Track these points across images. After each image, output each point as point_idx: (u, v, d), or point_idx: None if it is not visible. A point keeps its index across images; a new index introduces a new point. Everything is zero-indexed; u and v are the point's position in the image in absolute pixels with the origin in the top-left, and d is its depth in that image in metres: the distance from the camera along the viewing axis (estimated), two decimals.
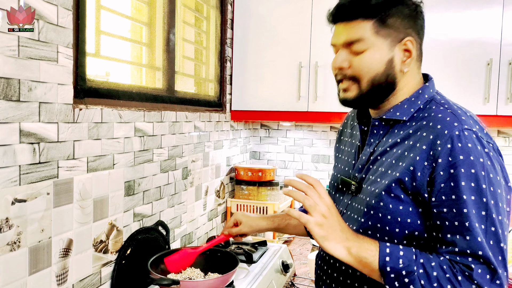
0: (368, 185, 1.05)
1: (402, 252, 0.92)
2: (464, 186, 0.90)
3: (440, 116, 0.97)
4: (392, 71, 1.02)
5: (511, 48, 2.01)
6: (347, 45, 1.03)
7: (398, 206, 0.97)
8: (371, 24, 0.99)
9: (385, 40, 1.00)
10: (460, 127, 0.93)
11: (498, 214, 0.90)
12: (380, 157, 1.04)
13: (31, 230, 1.11)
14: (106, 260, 1.42)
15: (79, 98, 1.29)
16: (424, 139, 0.96)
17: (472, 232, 0.88)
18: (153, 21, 1.77)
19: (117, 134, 1.44)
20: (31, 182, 1.11)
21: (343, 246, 0.94)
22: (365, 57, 1.01)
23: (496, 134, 2.43)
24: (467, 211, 0.89)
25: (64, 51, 1.20)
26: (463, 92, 2.08)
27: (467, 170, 0.90)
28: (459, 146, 0.91)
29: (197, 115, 2.03)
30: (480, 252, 0.88)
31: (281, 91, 2.36)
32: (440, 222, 0.92)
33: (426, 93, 1.05)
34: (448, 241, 0.91)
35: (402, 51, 1.02)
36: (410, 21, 1.01)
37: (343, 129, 1.31)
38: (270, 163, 2.86)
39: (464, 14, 2.07)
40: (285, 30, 2.33)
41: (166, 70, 1.85)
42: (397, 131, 1.04)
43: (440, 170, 0.91)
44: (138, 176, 1.57)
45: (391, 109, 1.05)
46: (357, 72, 1.03)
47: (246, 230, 1.46)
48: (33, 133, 1.11)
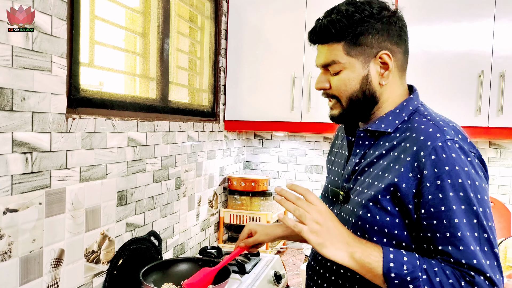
0: (355, 196, 1.05)
1: (406, 258, 0.91)
2: (452, 196, 0.90)
3: (423, 127, 0.98)
4: (369, 86, 1.04)
5: (502, 60, 2.04)
6: (325, 67, 1.08)
7: (385, 217, 0.97)
8: (342, 46, 1.03)
9: (358, 59, 1.03)
10: (442, 138, 0.94)
11: (488, 221, 0.92)
12: (367, 168, 1.05)
13: (23, 240, 1.11)
14: (97, 270, 1.41)
15: (72, 108, 1.29)
16: (408, 150, 0.97)
17: (465, 241, 0.89)
18: (147, 31, 1.77)
19: (110, 144, 1.43)
20: (23, 192, 1.10)
21: (345, 251, 0.93)
22: (341, 78, 1.05)
23: (487, 145, 2.45)
24: (458, 221, 0.90)
25: (57, 60, 1.20)
26: (454, 104, 2.10)
27: (453, 180, 0.91)
28: (443, 157, 0.92)
29: (191, 125, 2.04)
30: (474, 261, 0.88)
31: (275, 101, 2.37)
32: (431, 234, 0.92)
33: (410, 105, 1.06)
34: (442, 252, 0.91)
35: (378, 65, 1.03)
36: (384, 34, 1.02)
37: (335, 140, 1.32)
38: (263, 173, 2.86)
39: (456, 27, 2.10)
40: (279, 41, 2.34)
41: (160, 80, 1.85)
42: (382, 142, 1.05)
43: (426, 182, 0.92)
44: (130, 186, 1.57)
45: (377, 121, 1.06)
46: (336, 92, 1.07)
47: (263, 239, 1.41)
48: (26, 143, 1.10)
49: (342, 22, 1.02)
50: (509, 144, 2.42)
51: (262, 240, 1.41)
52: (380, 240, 0.98)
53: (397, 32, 1.04)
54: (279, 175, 2.83)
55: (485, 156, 2.45)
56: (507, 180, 2.43)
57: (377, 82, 1.04)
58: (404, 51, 1.07)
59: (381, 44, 1.02)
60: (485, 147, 2.45)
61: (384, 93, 1.06)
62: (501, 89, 2.03)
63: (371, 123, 1.08)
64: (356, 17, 1.01)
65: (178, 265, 1.61)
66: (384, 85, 1.05)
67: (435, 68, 2.13)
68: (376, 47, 1.02)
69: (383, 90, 1.06)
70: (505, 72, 2.02)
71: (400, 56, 1.06)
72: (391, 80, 1.05)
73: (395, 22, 1.04)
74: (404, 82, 1.10)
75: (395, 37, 1.03)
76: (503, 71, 2.02)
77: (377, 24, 1.02)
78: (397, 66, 1.06)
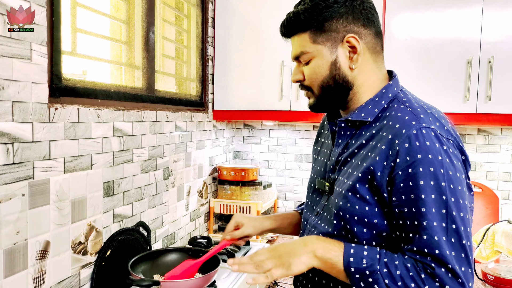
0: (337, 186, 1.05)
1: (366, 252, 0.92)
2: (422, 185, 0.89)
3: (400, 115, 0.97)
4: (339, 71, 1.03)
5: (490, 46, 2.03)
6: (297, 59, 1.09)
7: (364, 207, 0.97)
8: (308, 35, 1.03)
9: (325, 45, 1.02)
10: (417, 125, 0.93)
11: (459, 211, 0.90)
12: (349, 158, 1.04)
13: (6, 232, 1.09)
14: (85, 261, 1.39)
15: (54, 97, 1.26)
16: (384, 138, 0.96)
17: (429, 231, 0.88)
18: (131, 18, 1.74)
19: (95, 134, 1.41)
20: (5, 183, 1.08)
21: (306, 252, 0.96)
22: (311, 66, 1.06)
23: (476, 132, 2.46)
24: (425, 210, 0.89)
25: (37, 48, 1.17)
26: (443, 90, 2.09)
27: (425, 168, 0.90)
28: (416, 145, 0.91)
29: (179, 114, 2.01)
30: (436, 251, 0.87)
31: (264, 90, 2.35)
32: (402, 221, 0.92)
33: (389, 92, 1.04)
34: (409, 240, 0.92)
35: (346, 49, 1.02)
36: (348, 18, 1.01)
37: (321, 130, 1.30)
38: (253, 162, 2.85)
39: (444, 13, 2.09)
40: (267, 28, 2.32)
41: (146, 69, 1.83)
42: (364, 132, 1.04)
43: (398, 169, 0.91)
44: (117, 176, 1.55)
45: (357, 110, 1.05)
46: (309, 82, 1.08)
47: (250, 231, 1.37)
48: (6, 133, 1.08)
49: (307, 12, 1.01)
50: (497, 130, 2.43)
51: (249, 233, 1.37)
52: (360, 230, 0.98)
53: (363, 14, 1.02)
54: (269, 164, 2.82)
55: (474, 143, 2.46)
56: (495, 166, 2.44)
57: (347, 67, 1.03)
58: (375, 32, 1.04)
59: (347, 27, 1.01)
60: (473, 134, 2.46)
61: (358, 78, 1.04)
62: (489, 75, 2.03)
63: (351, 113, 1.06)
64: (321, 5, 1.00)
65: (167, 255, 1.59)
66: (356, 69, 1.03)
67: (423, 55, 2.12)
68: (342, 31, 1.01)
69: (355, 74, 1.04)
70: (493, 58, 2.02)
71: (370, 39, 1.03)
72: (363, 63, 1.03)
73: (359, 4, 1.02)
74: (380, 66, 1.07)
75: (361, 19, 1.02)
76: (491, 57, 2.02)
77: (341, 8, 1.00)
78: (368, 49, 1.03)
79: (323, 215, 1.09)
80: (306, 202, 1.24)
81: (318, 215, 1.12)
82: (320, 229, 1.08)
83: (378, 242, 0.97)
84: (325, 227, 1.06)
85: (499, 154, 2.43)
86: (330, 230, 1.04)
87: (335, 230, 1.03)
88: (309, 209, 1.19)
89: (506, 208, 2.43)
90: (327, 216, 1.08)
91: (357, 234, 0.98)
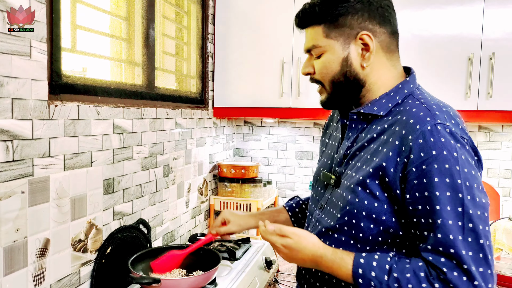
0: (345, 180, 1.04)
1: (374, 273, 0.91)
2: (437, 182, 0.87)
3: (414, 110, 0.95)
4: (350, 68, 1.02)
5: (492, 43, 2.03)
6: (309, 51, 1.08)
7: (373, 203, 0.95)
8: (321, 29, 1.02)
9: (337, 40, 1.01)
10: (432, 121, 0.91)
11: (476, 209, 0.87)
12: (358, 152, 1.03)
13: (5, 230, 1.08)
14: (85, 259, 1.39)
15: (54, 94, 1.26)
16: (396, 133, 0.94)
17: (444, 229, 0.86)
18: (131, 15, 1.73)
19: (95, 131, 1.41)
20: (4, 180, 1.07)
21: (313, 267, 1.03)
22: (322, 61, 1.04)
23: (477, 129, 2.45)
24: (440, 208, 0.87)
25: (37, 45, 1.16)
26: (444, 87, 2.09)
27: (440, 165, 0.88)
28: (431, 141, 0.89)
29: (179, 111, 2.01)
30: (452, 250, 0.85)
31: (264, 87, 2.35)
32: (416, 219, 0.91)
33: (406, 88, 1.03)
34: (423, 238, 0.90)
35: (359, 47, 1.01)
36: (364, 15, 1.00)
37: (329, 122, 1.29)
38: (253, 160, 2.85)
39: (446, 10, 2.08)
40: (268, 25, 2.31)
41: (146, 66, 1.82)
42: (375, 126, 1.02)
43: (412, 166, 0.90)
44: (117, 174, 1.54)
45: (370, 104, 1.04)
46: (319, 76, 1.07)
47: (235, 229, 1.41)
48: (6, 130, 1.07)
49: (322, 5, 1.01)
50: (498, 127, 2.42)
51: (234, 230, 1.41)
52: (367, 225, 0.97)
53: (380, 12, 1.01)
54: (269, 161, 2.81)
55: (475, 140, 2.45)
56: (496, 163, 2.44)
57: (358, 64, 1.02)
58: (390, 32, 1.03)
59: (361, 24, 1.00)
60: (474, 131, 2.45)
61: (370, 76, 1.03)
62: (491, 72, 2.02)
63: (364, 106, 1.05)
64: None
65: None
66: (368, 67, 1.02)
67: (425, 51, 2.11)
68: (356, 27, 1.00)
69: (367, 72, 1.03)
70: (494, 55, 2.01)
71: (385, 37, 1.02)
72: (376, 62, 1.02)
73: (376, 2, 1.01)
74: (396, 64, 1.06)
75: (377, 17, 1.00)
76: (493, 54, 2.01)
77: (357, 4, 0.99)
78: (382, 47, 1.02)
79: (327, 209, 1.09)
80: (311, 195, 1.24)
81: (322, 209, 1.11)
82: (323, 224, 1.08)
83: (384, 238, 0.96)
84: (327, 221, 1.06)
85: (500, 151, 2.43)
86: (333, 224, 1.04)
87: (338, 224, 1.02)
88: (314, 201, 1.19)
89: (507, 205, 2.42)
90: (330, 210, 1.07)
91: (364, 229, 0.97)
